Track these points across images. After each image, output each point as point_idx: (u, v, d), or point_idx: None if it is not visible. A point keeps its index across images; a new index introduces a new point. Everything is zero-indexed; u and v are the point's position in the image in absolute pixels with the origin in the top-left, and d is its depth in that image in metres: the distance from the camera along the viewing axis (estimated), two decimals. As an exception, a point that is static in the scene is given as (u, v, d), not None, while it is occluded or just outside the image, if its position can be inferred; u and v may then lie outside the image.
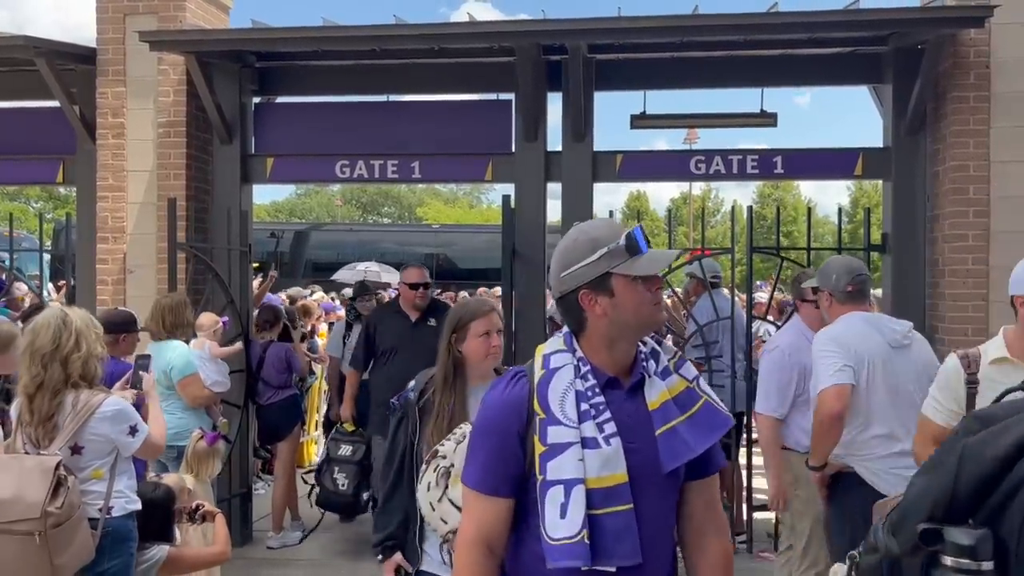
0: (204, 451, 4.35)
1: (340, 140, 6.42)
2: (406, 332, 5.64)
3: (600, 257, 1.83)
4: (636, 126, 6.57)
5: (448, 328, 2.94)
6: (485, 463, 1.86)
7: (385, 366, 5.65)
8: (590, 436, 1.78)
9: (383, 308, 6.28)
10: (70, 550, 3.05)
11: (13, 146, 6.75)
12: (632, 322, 1.85)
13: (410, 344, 5.52)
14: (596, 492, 1.76)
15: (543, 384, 1.84)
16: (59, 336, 3.17)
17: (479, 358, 2.90)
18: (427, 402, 2.87)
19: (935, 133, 5.79)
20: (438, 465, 2.43)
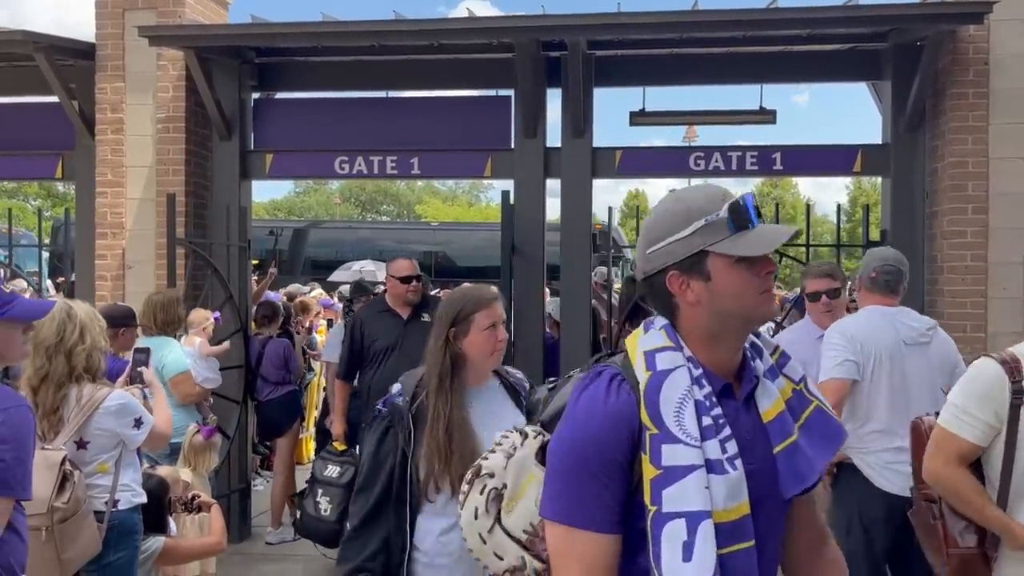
0: (201, 445, 4.36)
1: (339, 136, 6.42)
2: (399, 331, 5.19)
3: (695, 231, 1.50)
4: (635, 123, 6.58)
5: (445, 320, 2.57)
6: (587, 494, 1.46)
7: (377, 371, 5.14)
8: (715, 458, 1.44)
9: (370, 307, 5.66)
10: (77, 544, 3.06)
11: (12, 142, 6.74)
12: (735, 313, 1.50)
13: (405, 344, 5.07)
14: (721, 527, 1.42)
15: (652, 390, 1.47)
16: (63, 328, 3.17)
17: (483, 355, 2.56)
18: (420, 408, 2.50)
19: (934, 129, 5.80)
20: (485, 486, 1.87)
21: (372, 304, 5.70)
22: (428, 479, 2.46)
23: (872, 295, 3.66)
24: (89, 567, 3.16)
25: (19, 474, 2.26)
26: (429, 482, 2.46)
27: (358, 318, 5.47)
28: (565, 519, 1.47)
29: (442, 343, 2.55)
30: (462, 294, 2.66)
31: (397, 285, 5.25)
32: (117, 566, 3.24)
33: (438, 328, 2.59)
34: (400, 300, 5.26)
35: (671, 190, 1.61)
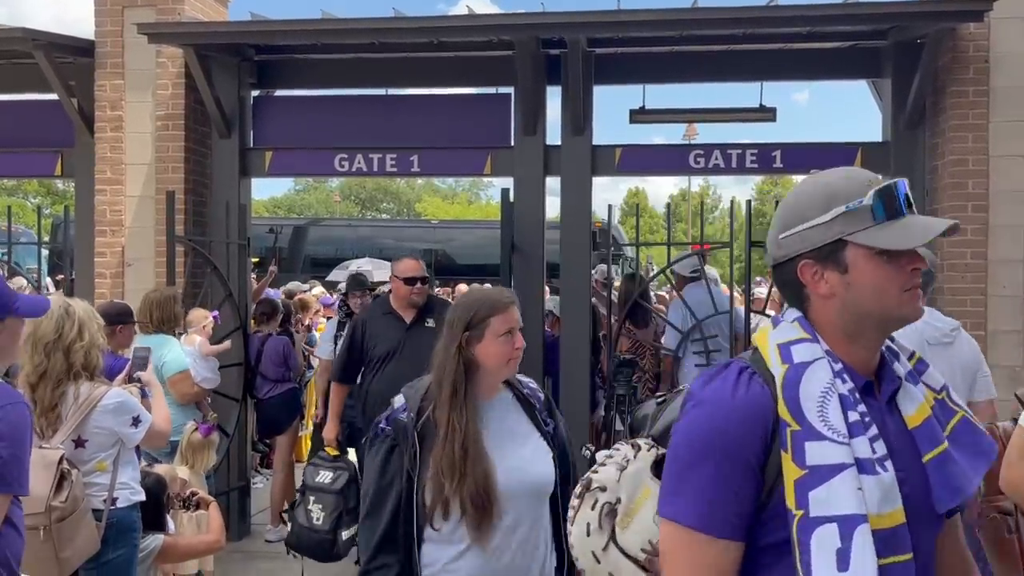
0: (199, 442, 4.36)
1: (339, 133, 6.42)
2: (401, 336, 4.86)
3: (835, 217, 1.37)
4: (635, 120, 6.57)
5: (458, 325, 2.35)
6: (710, 493, 1.32)
7: (376, 378, 4.84)
8: (865, 457, 1.30)
9: (372, 308, 5.34)
10: (75, 543, 3.06)
11: (11, 139, 6.74)
12: (872, 311, 1.37)
13: (406, 350, 4.78)
14: (877, 535, 1.28)
15: (791, 384, 1.33)
16: (62, 325, 3.17)
17: (499, 363, 2.36)
18: (426, 424, 2.30)
19: (934, 127, 5.80)
20: (596, 501, 1.70)
21: (374, 305, 5.39)
22: (435, 503, 2.25)
23: None
24: (88, 565, 3.16)
25: (16, 470, 2.29)
26: (436, 507, 2.25)
27: (359, 319, 5.16)
28: (682, 518, 1.34)
29: (455, 350, 2.33)
30: (476, 296, 2.45)
31: (401, 286, 4.91)
32: (116, 564, 3.24)
33: (450, 333, 2.37)
34: (404, 302, 4.92)
35: (808, 173, 1.47)
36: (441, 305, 5.02)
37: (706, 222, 18.57)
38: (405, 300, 4.90)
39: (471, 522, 2.25)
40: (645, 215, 38.12)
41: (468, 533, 2.27)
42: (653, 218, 39.94)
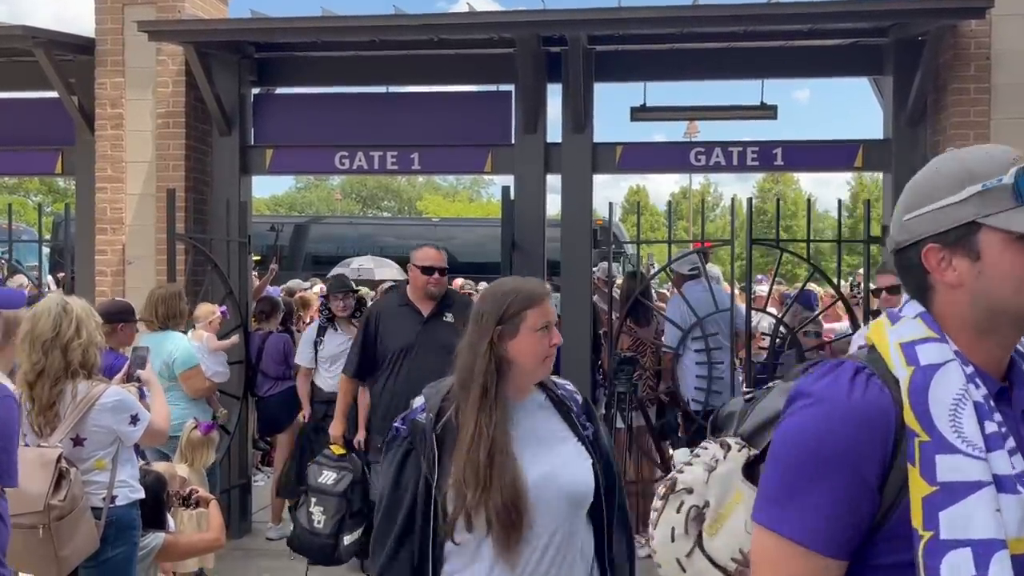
0: (198, 440, 4.36)
1: (340, 131, 6.42)
2: (416, 331, 4.54)
3: (968, 198, 1.21)
4: (636, 118, 6.57)
5: (488, 319, 2.11)
6: (826, 507, 1.18)
7: (392, 376, 4.54)
8: (1004, 474, 1.16)
9: (387, 299, 5.06)
10: (74, 542, 3.06)
11: (12, 137, 6.74)
12: (1007, 304, 1.21)
13: (421, 347, 4.47)
14: (1017, 561, 1.14)
15: (919, 389, 1.18)
16: (60, 323, 3.16)
17: (534, 361, 2.13)
18: (447, 427, 2.09)
19: (935, 125, 5.79)
20: (682, 503, 1.55)
21: (390, 297, 5.09)
22: (457, 514, 2.02)
23: None
24: (88, 563, 3.16)
25: (4, 462, 2.33)
26: (458, 518, 2.02)
27: (373, 311, 4.84)
28: (789, 531, 1.19)
29: (486, 346, 2.08)
30: (509, 287, 2.18)
31: (419, 275, 4.58)
32: (116, 562, 3.24)
33: (479, 328, 2.12)
34: (421, 293, 4.61)
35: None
36: (460, 299, 4.86)
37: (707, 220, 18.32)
38: (422, 291, 4.60)
39: (497, 536, 2.02)
40: (646, 213, 38.11)
41: (494, 548, 2.03)
42: (654, 216, 39.92)
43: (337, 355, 5.74)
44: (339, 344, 5.78)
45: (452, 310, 4.59)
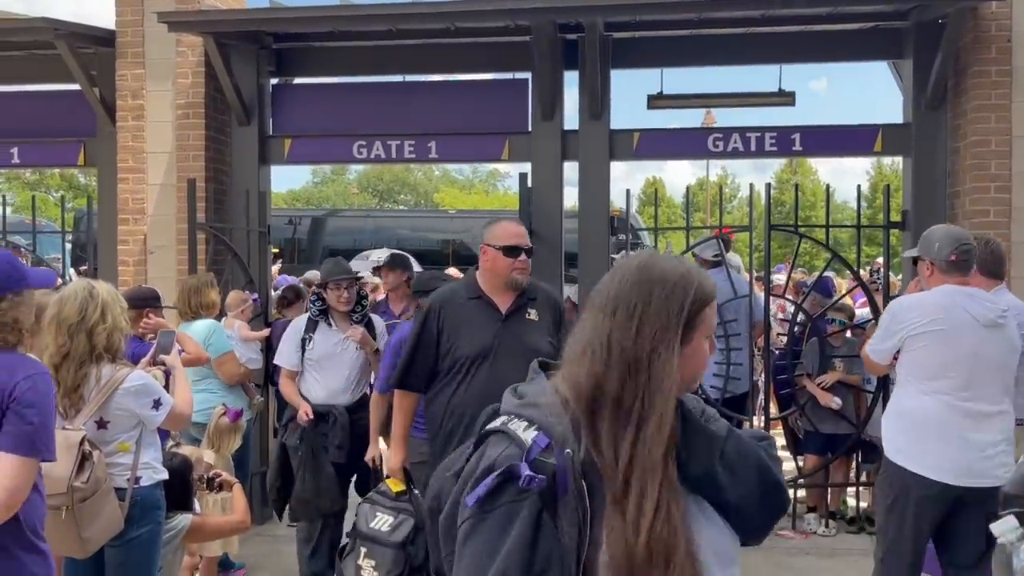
0: (226, 427, 4.40)
1: (357, 121, 6.45)
2: (496, 330, 3.49)
3: None
4: (653, 106, 6.56)
5: (673, 313, 1.42)
6: None
7: (460, 389, 3.49)
8: None
9: (452, 291, 3.73)
10: (98, 523, 3.10)
11: (35, 129, 6.82)
12: None
13: (503, 351, 3.45)
14: None
15: None
16: (85, 307, 3.20)
17: (696, 376, 1.51)
18: (588, 470, 1.35)
19: (956, 108, 5.74)
20: None
21: (454, 288, 3.75)
22: None
23: (947, 276, 3.52)
24: (113, 543, 3.20)
25: (45, 437, 2.38)
26: None
27: (435, 304, 3.61)
28: None
29: (671, 352, 1.41)
30: (683, 273, 1.47)
31: (499, 259, 3.51)
32: (141, 541, 3.28)
33: (659, 321, 1.41)
34: (501, 282, 3.52)
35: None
36: (544, 291, 3.71)
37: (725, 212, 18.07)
38: (503, 279, 3.51)
39: None
40: (663, 205, 37.97)
41: None
42: (672, 208, 39.77)
43: (331, 356, 4.72)
44: (335, 344, 4.73)
45: (536, 305, 3.57)
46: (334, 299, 4.73)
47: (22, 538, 2.37)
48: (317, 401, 4.69)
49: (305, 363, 4.76)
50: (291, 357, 4.81)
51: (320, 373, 4.74)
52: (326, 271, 4.83)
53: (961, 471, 3.37)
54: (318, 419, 4.63)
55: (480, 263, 3.58)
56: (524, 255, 3.52)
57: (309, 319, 4.84)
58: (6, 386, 2.33)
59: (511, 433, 1.37)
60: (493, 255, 3.52)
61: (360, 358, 4.80)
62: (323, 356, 4.73)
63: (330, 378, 4.72)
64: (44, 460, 2.41)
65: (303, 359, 4.76)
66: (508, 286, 3.53)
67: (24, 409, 2.32)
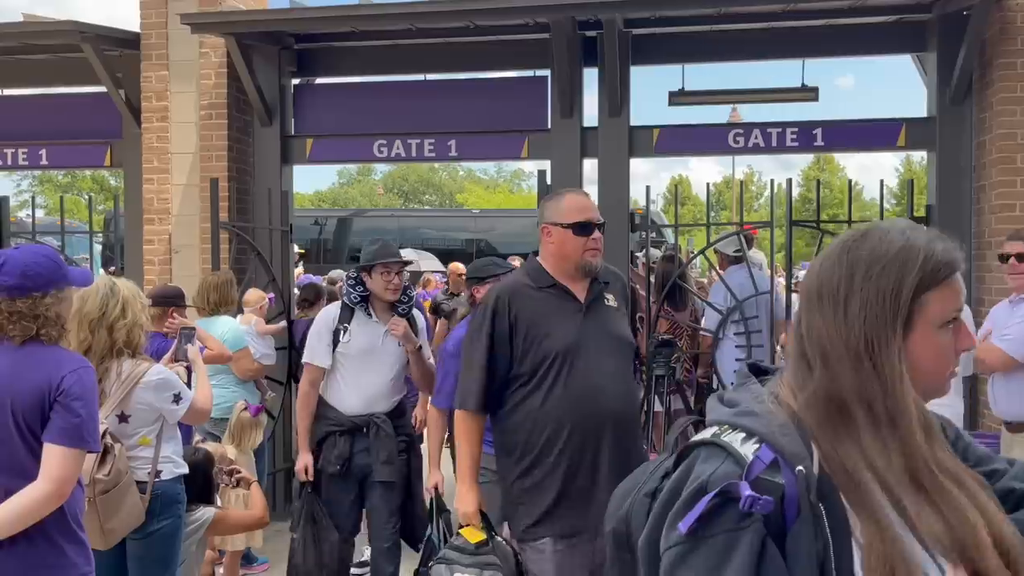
0: (247, 421, 4.45)
1: (378, 120, 6.49)
2: (579, 322, 2.93)
3: None
4: (674, 102, 6.53)
5: (886, 298, 1.17)
6: None
7: (544, 393, 2.88)
8: None
9: (515, 280, 3.09)
10: (119, 515, 3.16)
11: (63, 131, 6.94)
12: None
13: (591, 345, 2.91)
14: None
15: None
16: (106, 303, 3.27)
17: (941, 376, 1.24)
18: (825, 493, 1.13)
19: (981, 101, 5.66)
20: None
21: (517, 279, 3.09)
22: None
23: None
24: (135, 535, 3.26)
25: (91, 429, 2.44)
26: None
27: (503, 298, 2.96)
28: None
29: (889, 343, 1.17)
30: (902, 246, 1.20)
31: (568, 239, 2.93)
32: (162, 534, 3.33)
33: (869, 308, 1.18)
34: (573, 266, 2.96)
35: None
36: (612, 272, 3.20)
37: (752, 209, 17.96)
38: (574, 263, 2.95)
39: None
40: (688, 203, 37.77)
41: None
42: (697, 207, 39.57)
43: (371, 353, 4.04)
44: (376, 337, 4.06)
45: (611, 290, 3.09)
46: (381, 285, 4.02)
47: (65, 526, 2.44)
48: (352, 411, 4.03)
49: (337, 360, 4.08)
50: (321, 352, 4.09)
51: (356, 373, 4.05)
52: (373, 252, 4.10)
53: None
54: (354, 432, 3.99)
55: (542, 247, 3.02)
56: (598, 231, 2.97)
57: (344, 307, 4.14)
58: (53, 380, 2.40)
59: (726, 446, 1.15)
60: (560, 235, 2.95)
61: (403, 357, 4.13)
62: (362, 351, 4.05)
63: (368, 379, 4.05)
64: (90, 451, 2.49)
65: (335, 355, 4.09)
66: (582, 270, 2.97)
67: (72, 402, 2.39)
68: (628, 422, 2.97)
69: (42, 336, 2.45)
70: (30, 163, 7.08)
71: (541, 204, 3.10)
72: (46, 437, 2.35)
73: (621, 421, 2.91)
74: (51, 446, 2.35)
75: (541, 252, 3.04)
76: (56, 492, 2.33)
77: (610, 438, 2.86)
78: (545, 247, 3.01)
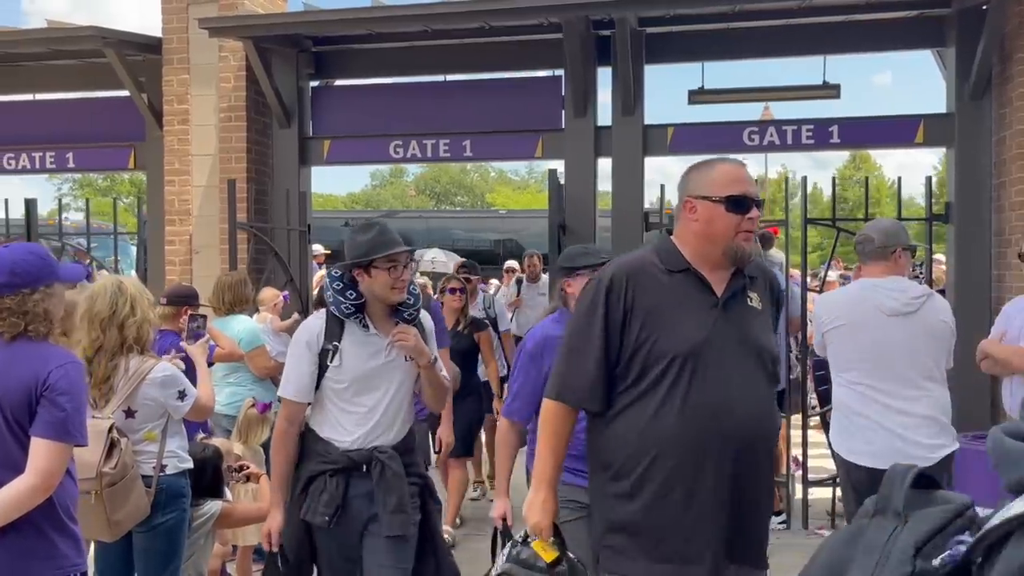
0: (255, 418, 4.52)
1: (394, 121, 6.55)
2: (713, 320, 2.34)
3: None
4: (694, 101, 6.50)
5: None
6: None
7: (670, 403, 2.29)
8: None
9: (640, 262, 2.45)
10: (126, 508, 3.23)
11: (88, 135, 7.10)
12: None
13: (722, 349, 2.32)
14: None
15: None
16: (116, 302, 3.34)
17: None
18: None
19: (1000, 97, 5.56)
20: None
21: (643, 258, 2.45)
22: None
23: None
24: (140, 529, 3.33)
25: (78, 422, 2.48)
26: None
27: (620, 277, 2.36)
28: None
29: None
30: None
31: (718, 215, 2.34)
32: (167, 527, 3.40)
33: None
34: (717, 252, 2.36)
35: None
36: (760, 267, 2.53)
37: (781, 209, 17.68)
38: (721, 246, 2.34)
39: None
40: (721, 203, 37.30)
41: None
42: (730, 206, 39.21)
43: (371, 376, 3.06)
44: (375, 354, 3.06)
45: (756, 287, 2.45)
46: (386, 284, 2.97)
47: (55, 519, 2.48)
48: (348, 443, 3.01)
49: (326, 390, 3.03)
50: (303, 384, 3.04)
51: (353, 396, 3.04)
52: (369, 242, 2.97)
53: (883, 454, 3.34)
54: (350, 472, 2.99)
55: (681, 224, 2.42)
56: (756, 209, 2.36)
57: (331, 319, 3.06)
58: (40, 375, 2.45)
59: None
60: (709, 211, 2.33)
61: (413, 374, 3.12)
62: (359, 377, 3.02)
63: (370, 403, 3.04)
64: (77, 445, 2.52)
65: (322, 387, 3.03)
66: (728, 256, 2.34)
67: (57, 397, 2.43)
68: (760, 450, 2.36)
69: (30, 332, 2.50)
70: (57, 166, 7.26)
71: (684, 174, 2.47)
72: (33, 431, 2.40)
73: (752, 448, 2.30)
74: (37, 440, 2.40)
75: (678, 230, 2.45)
76: (42, 485, 2.38)
77: (736, 467, 2.25)
78: (685, 225, 2.41)
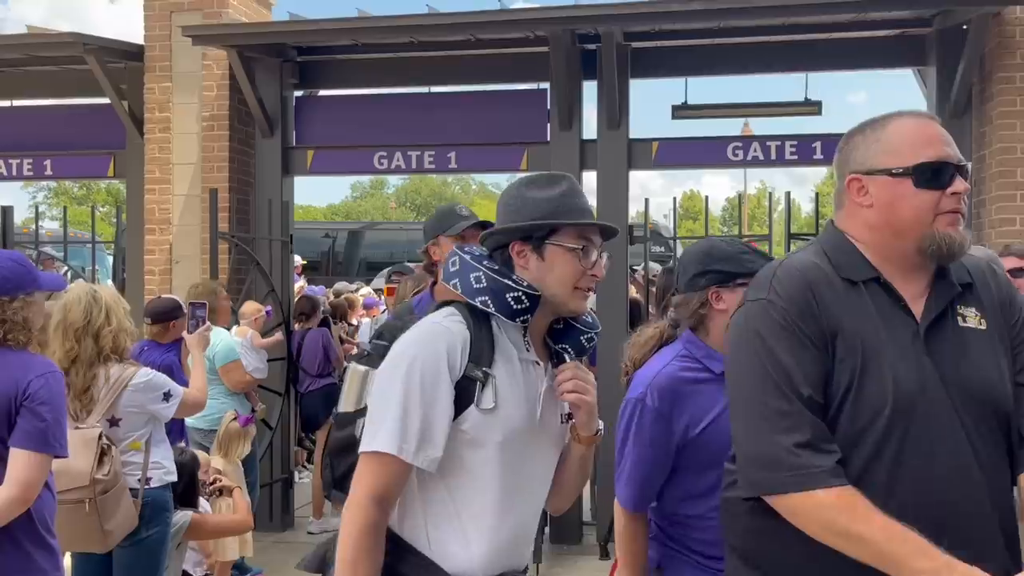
0: (236, 432, 4.46)
1: (378, 132, 6.51)
2: (919, 351, 1.55)
3: None
4: (677, 116, 6.53)
5: None
6: None
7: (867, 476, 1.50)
8: None
9: (814, 267, 1.60)
10: (117, 516, 3.17)
11: (67, 142, 6.99)
12: None
13: (933, 402, 1.52)
14: None
15: None
16: (90, 311, 3.28)
17: None
18: None
19: (981, 115, 5.63)
20: None
21: (806, 259, 1.64)
22: None
23: None
24: (124, 543, 3.26)
25: (58, 433, 2.44)
26: None
27: (803, 287, 1.57)
28: None
29: None
30: None
31: (910, 194, 1.58)
32: (150, 542, 3.33)
33: None
34: (913, 248, 1.59)
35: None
36: (976, 264, 1.71)
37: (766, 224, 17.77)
38: (920, 237, 1.58)
39: None
40: (702, 218, 37.65)
41: None
42: (712, 222, 39.52)
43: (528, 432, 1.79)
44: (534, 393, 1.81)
45: (972, 296, 1.66)
46: (564, 278, 1.85)
47: (33, 532, 2.43)
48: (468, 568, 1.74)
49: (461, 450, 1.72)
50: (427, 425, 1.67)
51: (494, 478, 1.74)
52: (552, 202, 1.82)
53: None
54: None
55: (847, 214, 1.69)
56: (959, 180, 1.61)
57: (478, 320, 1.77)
58: (20, 384, 2.40)
59: None
60: (891, 190, 1.60)
61: (560, 447, 1.92)
62: (517, 433, 1.76)
63: (522, 494, 1.80)
64: (57, 456, 2.48)
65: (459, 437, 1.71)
66: (926, 252, 1.59)
67: (38, 406, 2.39)
68: (985, 539, 1.55)
69: (9, 341, 2.45)
70: (35, 173, 7.15)
71: (844, 141, 1.73)
72: (12, 441, 2.35)
73: (974, 535, 1.52)
74: (16, 450, 2.35)
75: (845, 222, 1.69)
76: (21, 496, 2.33)
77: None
78: (853, 215, 1.66)
